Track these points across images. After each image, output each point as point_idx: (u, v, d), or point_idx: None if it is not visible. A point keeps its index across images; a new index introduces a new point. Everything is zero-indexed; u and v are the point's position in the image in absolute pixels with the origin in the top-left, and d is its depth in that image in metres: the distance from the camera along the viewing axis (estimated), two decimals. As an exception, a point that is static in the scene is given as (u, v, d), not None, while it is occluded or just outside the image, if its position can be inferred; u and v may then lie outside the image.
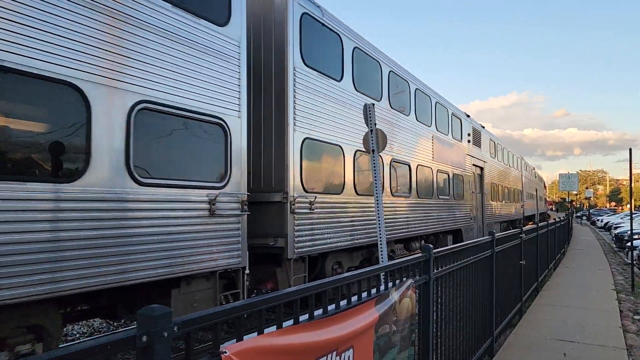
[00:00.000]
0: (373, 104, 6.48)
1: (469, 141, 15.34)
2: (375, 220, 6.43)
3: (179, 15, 4.88)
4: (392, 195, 9.44)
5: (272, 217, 6.40)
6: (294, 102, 6.51)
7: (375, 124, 6.42)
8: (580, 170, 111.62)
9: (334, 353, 2.22)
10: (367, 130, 6.48)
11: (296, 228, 6.35)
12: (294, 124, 6.48)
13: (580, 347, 5.84)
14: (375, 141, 6.39)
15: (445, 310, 4.07)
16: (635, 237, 12.77)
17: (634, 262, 11.23)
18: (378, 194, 6.29)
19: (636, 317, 7.56)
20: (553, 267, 12.65)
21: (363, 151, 7.53)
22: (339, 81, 7.71)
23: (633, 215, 12.17)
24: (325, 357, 2.15)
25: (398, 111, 10.04)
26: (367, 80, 8.83)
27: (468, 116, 15.93)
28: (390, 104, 9.63)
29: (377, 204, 6.27)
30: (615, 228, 23.89)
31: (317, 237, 6.82)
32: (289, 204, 6.29)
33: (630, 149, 10.83)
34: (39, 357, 1.19)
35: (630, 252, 12.80)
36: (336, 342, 2.24)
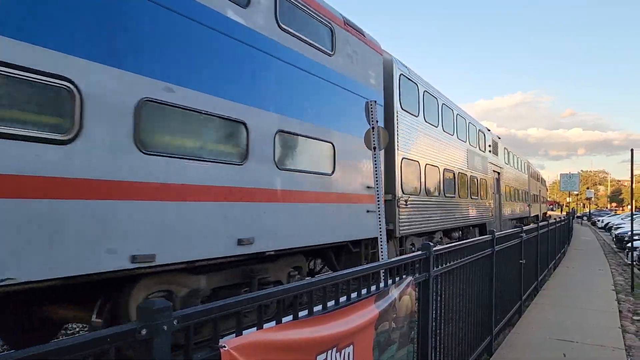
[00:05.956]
0: (375, 101, 6.46)
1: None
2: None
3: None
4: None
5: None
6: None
7: (377, 122, 6.40)
8: (581, 170, 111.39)
9: (334, 349, 2.22)
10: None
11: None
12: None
13: (580, 347, 5.85)
14: (377, 139, 6.38)
15: (445, 308, 4.07)
16: (636, 237, 12.74)
17: (634, 262, 11.21)
18: (379, 192, 6.29)
19: (635, 317, 7.56)
20: (553, 267, 12.65)
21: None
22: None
23: (634, 216, 12.15)
24: (325, 353, 2.14)
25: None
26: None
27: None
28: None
29: (378, 202, 6.27)
30: (616, 229, 23.85)
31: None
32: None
33: (632, 150, 10.78)
34: (43, 347, 1.19)
35: (630, 253, 12.78)
36: (336, 338, 2.24)
